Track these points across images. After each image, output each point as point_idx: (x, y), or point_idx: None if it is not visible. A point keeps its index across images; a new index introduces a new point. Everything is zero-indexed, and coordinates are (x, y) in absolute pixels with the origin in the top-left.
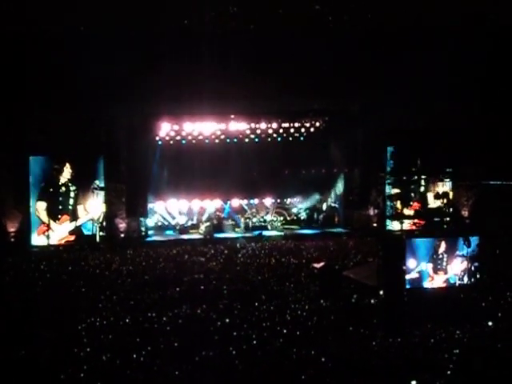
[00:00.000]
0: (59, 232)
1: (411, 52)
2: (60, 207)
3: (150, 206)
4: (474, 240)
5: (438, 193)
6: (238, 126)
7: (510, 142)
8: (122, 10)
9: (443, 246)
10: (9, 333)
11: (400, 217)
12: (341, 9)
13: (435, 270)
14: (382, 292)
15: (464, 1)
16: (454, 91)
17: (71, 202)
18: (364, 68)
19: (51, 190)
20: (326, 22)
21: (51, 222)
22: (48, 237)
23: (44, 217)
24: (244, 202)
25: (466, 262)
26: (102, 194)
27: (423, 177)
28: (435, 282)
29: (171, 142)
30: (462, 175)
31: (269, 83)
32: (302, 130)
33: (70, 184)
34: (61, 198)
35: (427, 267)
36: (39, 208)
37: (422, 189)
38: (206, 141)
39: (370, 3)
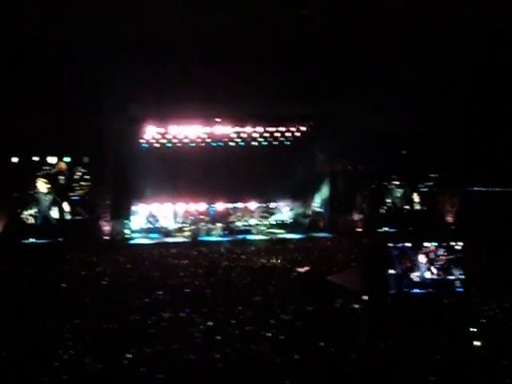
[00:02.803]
0: None
1: (400, 57)
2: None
3: (134, 208)
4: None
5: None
6: (224, 130)
7: (495, 148)
8: (107, 12)
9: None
10: None
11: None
12: (329, 12)
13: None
14: (365, 297)
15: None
16: (440, 97)
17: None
18: (350, 72)
19: None
20: (313, 26)
21: None
22: None
23: None
24: (229, 206)
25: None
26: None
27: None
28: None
29: (156, 144)
30: (446, 181)
31: (255, 87)
32: (288, 134)
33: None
34: None
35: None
36: None
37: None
38: (192, 144)
39: (360, 6)
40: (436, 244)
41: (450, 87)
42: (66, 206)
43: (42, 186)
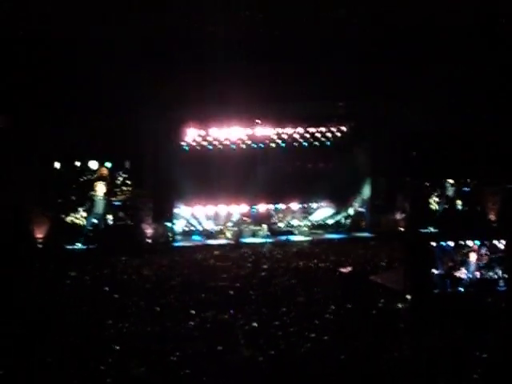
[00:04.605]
0: None
1: (438, 54)
2: None
3: (176, 211)
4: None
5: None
6: (264, 131)
7: None
8: (144, 15)
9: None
10: (35, 336)
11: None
12: (366, 11)
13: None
14: (408, 297)
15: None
16: (480, 94)
17: None
18: (390, 71)
19: None
20: (351, 24)
21: None
22: None
23: None
24: (270, 207)
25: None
26: None
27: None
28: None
29: (197, 147)
30: (488, 179)
31: (295, 87)
32: (328, 134)
33: None
34: None
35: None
36: None
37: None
38: (233, 146)
39: (397, 6)
40: (479, 243)
41: (492, 83)
42: (109, 211)
43: (100, 188)
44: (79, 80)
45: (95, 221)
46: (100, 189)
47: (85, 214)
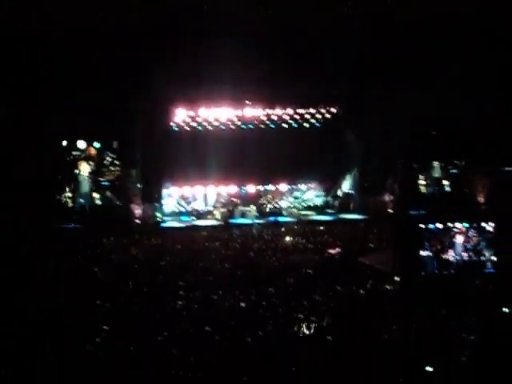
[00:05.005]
0: None
1: (433, 39)
2: None
3: (165, 192)
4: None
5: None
6: (254, 112)
7: None
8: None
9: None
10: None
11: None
12: None
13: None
14: (397, 278)
15: None
16: (470, 78)
17: None
18: (380, 54)
19: None
20: (343, 8)
21: None
22: None
23: None
24: (260, 188)
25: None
26: None
27: (437, 163)
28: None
29: (187, 128)
30: (477, 161)
31: (284, 69)
32: (318, 116)
33: None
34: None
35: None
36: None
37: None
38: (222, 127)
39: None
40: (467, 225)
41: (483, 69)
42: (97, 191)
43: (85, 168)
44: (68, 60)
45: (82, 201)
46: (87, 168)
47: (71, 194)
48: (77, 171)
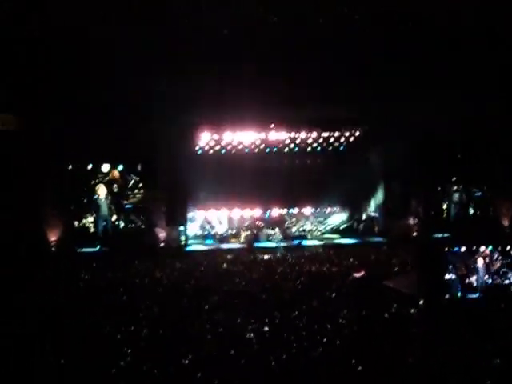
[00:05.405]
0: None
1: (455, 58)
2: None
3: (189, 215)
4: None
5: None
6: (278, 136)
7: None
8: (157, 20)
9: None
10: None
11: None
12: (379, 14)
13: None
14: (421, 302)
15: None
16: (497, 100)
17: None
18: (404, 76)
19: None
20: (365, 28)
21: None
22: None
23: None
24: (284, 212)
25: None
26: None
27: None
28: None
29: (211, 151)
30: (501, 185)
31: (308, 91)
32: (342, 139)
33: None
34: None
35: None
36: None
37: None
38: (246, 150)
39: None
40: (491, 248)
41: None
42: (120, 214)
43: (103, 191)
44: (93, 82)
45: (104, 224)
46: (110, 191)
47: (93, 217)
48: (100, 194)
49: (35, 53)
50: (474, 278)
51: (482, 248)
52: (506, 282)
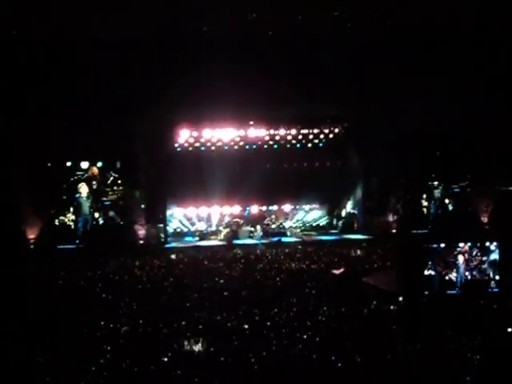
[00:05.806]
0: None
1: (432, 55)
2: None
3: (169, 212)
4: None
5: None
6: (257, 133)
7: None
8: (137, 17)
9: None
10: (28, 337)
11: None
12: (360, 13)
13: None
14: (401, 298)
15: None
16: (475, 96)
17: None
18: (383, 73)
19: None
20: (344, 26)
21: None
22: None
23: None
24: (263, 209)
25: (481, 269)
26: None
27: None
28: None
29: (190, 148)
30: (480, 181)
31: (287, 89)
32: (321, 136)
33: None
34: None
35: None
36: None
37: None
38: (225, 147)
39: (391, 7)
40: (470, 244)
41: (485, 85)
42: (99, 211)
43: (85, 189)
44: (72, 81)
45: (83, 220)
46: (89, 189)
47: (73, 214)
48: (79, 191)
49: (8, 51)
50: (453, 275)
51: (461, 244)
52: (485, 278)
